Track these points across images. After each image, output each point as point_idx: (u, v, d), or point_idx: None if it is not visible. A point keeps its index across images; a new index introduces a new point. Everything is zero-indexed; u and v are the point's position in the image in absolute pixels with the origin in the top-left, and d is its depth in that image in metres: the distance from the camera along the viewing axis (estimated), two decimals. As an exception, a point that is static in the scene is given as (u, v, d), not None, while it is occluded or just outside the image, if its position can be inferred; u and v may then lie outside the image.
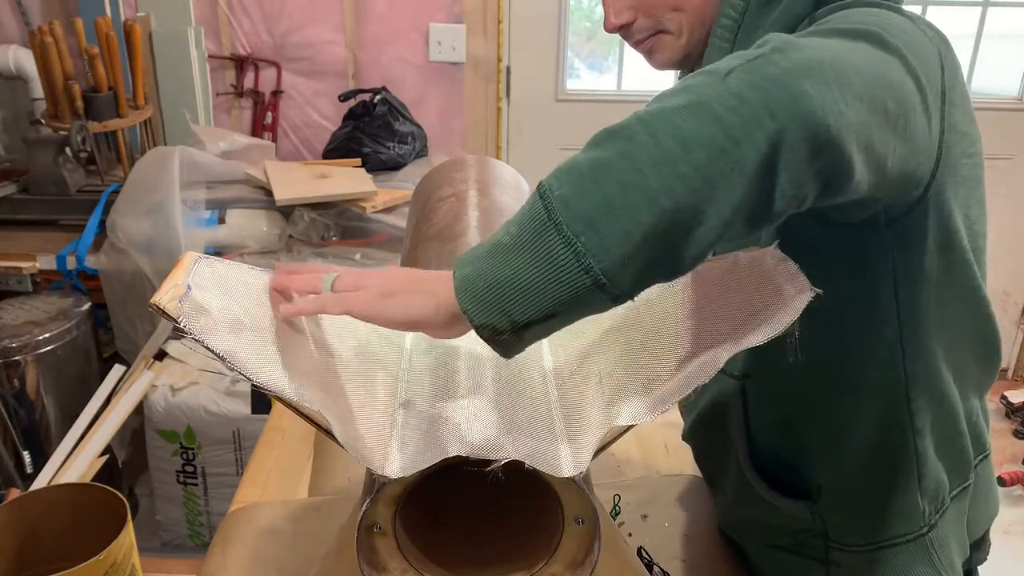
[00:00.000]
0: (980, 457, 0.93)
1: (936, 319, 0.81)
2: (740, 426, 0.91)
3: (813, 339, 0.68)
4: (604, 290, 0.56)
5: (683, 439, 1.07)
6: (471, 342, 0.70)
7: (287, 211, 2.26)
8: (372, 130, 2.52)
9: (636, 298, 0.59)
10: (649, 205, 0.55)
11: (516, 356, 0.63)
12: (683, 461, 1.25)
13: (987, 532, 0.99)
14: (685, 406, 1.03)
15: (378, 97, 2.56)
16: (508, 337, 0.59)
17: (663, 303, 0.70)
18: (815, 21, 0.74)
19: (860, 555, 0.88)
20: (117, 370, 2.07)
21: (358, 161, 2.46)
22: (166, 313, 0.57)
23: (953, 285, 0.81)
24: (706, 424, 0.98)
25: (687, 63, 0.86)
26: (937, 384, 0.84)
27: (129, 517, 0.88)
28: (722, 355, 0.62)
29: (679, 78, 0.95)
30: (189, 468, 2.12)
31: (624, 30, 0.85)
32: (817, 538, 0.90)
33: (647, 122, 0.57)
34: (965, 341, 0.86)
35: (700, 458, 1.06)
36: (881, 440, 0.85)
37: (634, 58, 3.10)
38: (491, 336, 0.59)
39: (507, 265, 0.58)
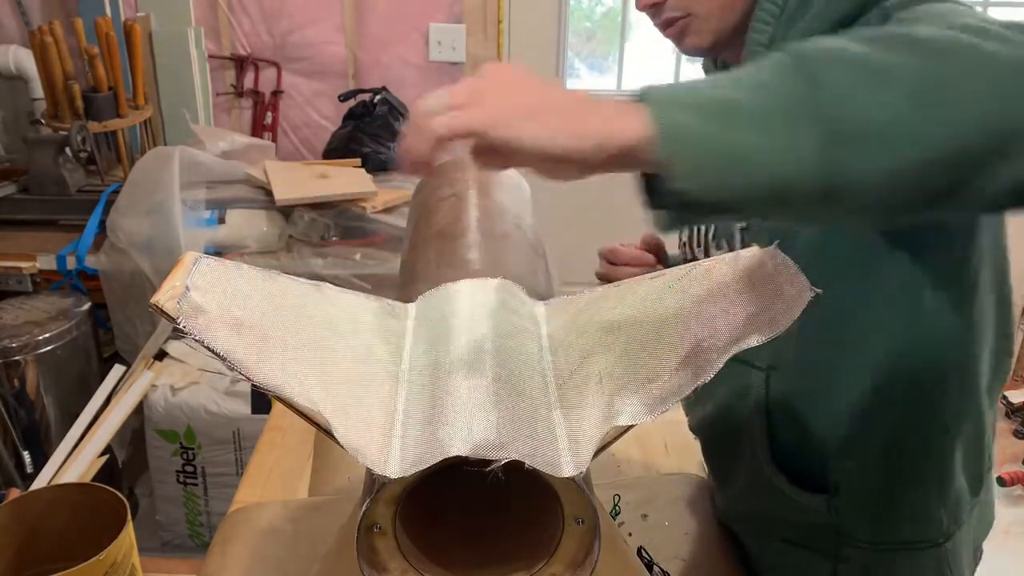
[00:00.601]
0: (987, 470, 0.93)
1: (981, 327, 0.81)
2: (762, 419, 0.89)
3: (858, 339, 0.66)
4: (836, 205, 0.49)
5: (691, 429, 1.06)
6: (470, 342, 0.70)
7: (287, 211, 2.26)
8: (372, 130, 2.52)
9: (636, 297, 0.59)
10: (944, 131, 0.47)
11: (515, 356, 0.63)
12: (683, 461, 1.25)
13: (982, 543, 0.99)
14: (693, 398, 1.02)
15: (378, 97, 2.56)
16: (689, 213, 0.51)
17: (664, 303, 0.70)
18: (887, 13, 0.67)
19: (872, 553, 0.88)
20: (117, 370, 2.07)
21: (358, 161, 2.46)
22: (166, 313, 0.57)
23: (991, 291, 0.81)
24: (722, 415, 0.96)
25: (715, 50, 0.85)
26: (973, 392, 0.84)
27: (129, 517, 0.88)
28: (723, 355, 0.62)
29: (704, 69, 0.94)
30: (189, 468, 2.12)
31: (656, 8, 0.84)
32: (829, 533, 0.89)
33: (961, 44, 0.50)
34: (991, 347, 0.85)
35: (709, 449, 1.05)
36: (911, 443, 0.84)
37: (634, 58, 3.09)
38: (676, 204, 0.50)
39: (738, 136, 0.48)
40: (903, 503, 0.86)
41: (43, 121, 2.33)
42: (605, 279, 1.02)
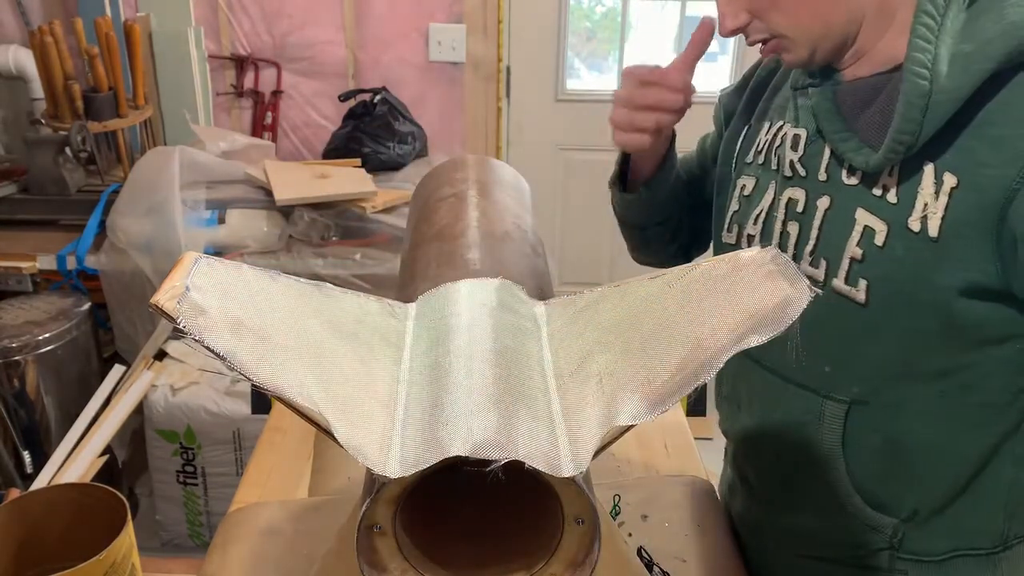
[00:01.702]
0: None
1: None
2: (837, 447, 0.88)
3: (976, 378, 0.74)
4: None
5: (723, 432, 1.05)
6: (470, 342, 0.70)
7: (287, 211, 2.26)
8: (372, 130, 2.52)
9: (636, 297, 0.59)
10: None
11: (515, 355, 0.63)
12: (683, 461, 1.25)
13: None
14: (726, 398, 1.01)
15: (378, 97, 2.57)
16: None
17: (663, 302, 0.70)
18: None
19: (929, 564, 0.88)
20: (117, 370, 2.07)
21: (358, 161, 2.46)
22: (166, 313, 0.57)
23: None
24: (779, 434, 0.93)
25: (814, 63, 0.85)
26: None
27: (129, 517, 0.88)
28: (723, 355, 0.62)
29: (794, 80, 0.90)
30: (189, 468, 2.12)
31: (741, 32, 0.84)
32: (883, 551, 0.89)
33: None
34: None
35: (749, 459, 1.02)
36: (1001, 472, 0.85)
37: (634, 58, 3.10)
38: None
39: None
40: (971, 521, 0.87)
41: (43, 121, 2.34)
42: (627, 103, 0.92)
